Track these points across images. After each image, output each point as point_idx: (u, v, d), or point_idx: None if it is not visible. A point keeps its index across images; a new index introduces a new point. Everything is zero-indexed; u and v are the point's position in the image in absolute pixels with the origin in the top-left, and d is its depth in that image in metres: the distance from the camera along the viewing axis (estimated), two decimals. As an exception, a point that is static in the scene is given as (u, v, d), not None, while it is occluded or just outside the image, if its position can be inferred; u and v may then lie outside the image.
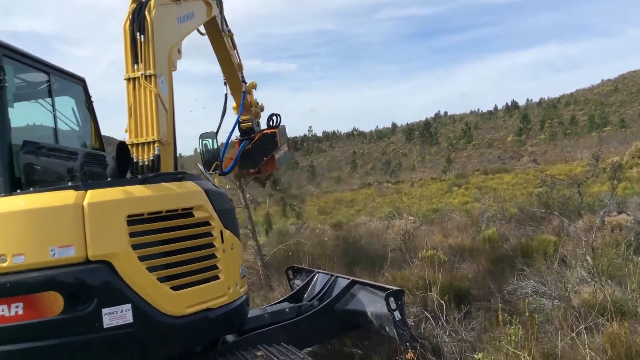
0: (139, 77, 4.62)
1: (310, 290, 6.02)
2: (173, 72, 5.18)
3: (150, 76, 4.62)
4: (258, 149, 8.01)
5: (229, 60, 7.75)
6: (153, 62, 4.66)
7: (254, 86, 8.44)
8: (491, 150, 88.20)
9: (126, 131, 4.66)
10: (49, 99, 4.40)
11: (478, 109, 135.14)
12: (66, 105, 4.69)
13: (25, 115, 4.40)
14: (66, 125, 4.66)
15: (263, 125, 8.42)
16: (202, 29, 7.03)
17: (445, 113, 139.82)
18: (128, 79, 4.67)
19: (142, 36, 4.68)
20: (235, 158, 7.69)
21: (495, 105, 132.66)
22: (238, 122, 7.96)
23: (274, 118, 8.38)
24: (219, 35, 7.38)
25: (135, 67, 4.66)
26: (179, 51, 5.45)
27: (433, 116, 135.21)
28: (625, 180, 14.61)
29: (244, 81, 7.93)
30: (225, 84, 7.87)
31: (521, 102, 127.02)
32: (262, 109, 8.65)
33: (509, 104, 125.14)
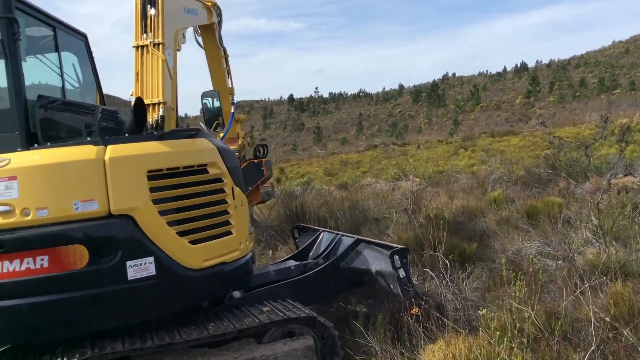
0: (147, 45, 4.84)
1: (316, 249, 6.07)
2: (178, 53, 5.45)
3: (158, 44, 4.85)
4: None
5: (222, 79, 7.94)
6: (162, 32, 4.90)
7: (243, 119, 8.60)
8: (499, 112, 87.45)
9: (132, 94, 4.80)
10: (55, 55, 4.38)
11: (487, 71, 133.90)
12: (68, 61, 4.66)
13: (32, 74, 4.38)
14: (71, 84, 4.65)
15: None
16: (201, 40, 7.54)
17: (454, 74, 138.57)
18: (136, 47, 4.88)
19: (152, 9, 4.94)
20: None
21: (505, 66, 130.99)
22: None
23: (261, 149, 8.43)
24: (215, 47, 7.68)
25: (144, 36, 4.90)
26: (184, 36, 5.81)
27: (441, 78, 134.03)
28: (633, 143, 14.49)
29: (233, 103, 8.05)
30: None
31: (531, 64, 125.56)
32: (249, 143, 8.71)
33: (519, 65, 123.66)
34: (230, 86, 8.07)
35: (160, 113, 4.69)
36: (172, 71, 5.08)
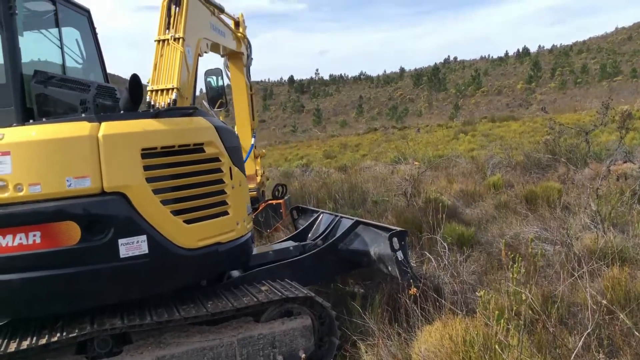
0: (168, 39, 5.02)
1: (315, 230, 6.07)
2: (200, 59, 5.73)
3: (178, 38, 5.04)
4: (262, 220, 7.99)
5: (245, 114, 8.11)
6: (183, 28, 5.12)
7: (264, 154, 8.67)
8: (500, 97, 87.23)
9: (148, 81, 4.90)
10: (55, 30, 4.34)
11: (489, 55, 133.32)
12: (70, 37, 4.62)
13: (32, 50, 4.35)
14: (73, 62, 4.62)
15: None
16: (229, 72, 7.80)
17: (455, 58, 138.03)
18: (158, 41, 5.07)
19: (177, 8, 5.20)
20: None
21: (507, 51, 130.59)
22: None
23: (280, 188, 8.35)
24: (241, 79, 7.93)
25: (167, 31, 5.10)
26: (207, 46, 6.08)
27: (442, 61, 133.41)
28: (633, 130, 14.49)
29: (254, 137, 8.20)
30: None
31: (533, 49, 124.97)
32: (267, 179, 8.68)
33: (520, 50, 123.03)
34: (252, 120, 8.19)
35: (173, 97, 4.69)
36: (191, 67, 5.19)
